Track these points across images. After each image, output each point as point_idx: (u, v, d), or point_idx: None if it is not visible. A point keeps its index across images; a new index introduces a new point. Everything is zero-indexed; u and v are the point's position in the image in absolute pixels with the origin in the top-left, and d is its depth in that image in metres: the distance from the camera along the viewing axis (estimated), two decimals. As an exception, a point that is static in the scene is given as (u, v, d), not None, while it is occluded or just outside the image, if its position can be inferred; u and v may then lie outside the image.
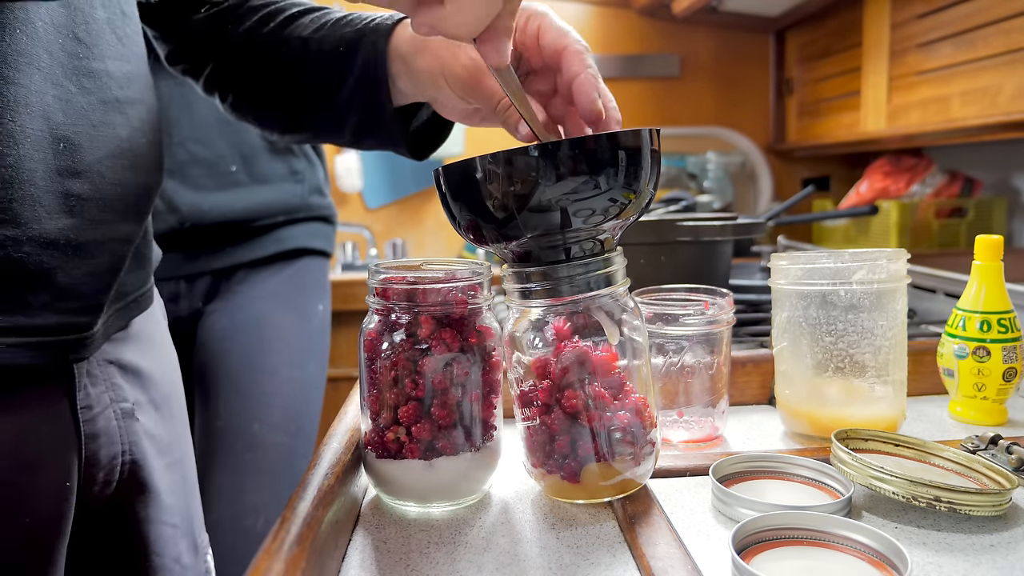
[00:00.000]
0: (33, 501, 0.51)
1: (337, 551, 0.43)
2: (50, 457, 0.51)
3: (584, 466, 0.47)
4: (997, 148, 1.72)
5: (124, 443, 0.57)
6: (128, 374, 0.59)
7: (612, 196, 0.44)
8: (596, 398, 0.47)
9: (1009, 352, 0.62)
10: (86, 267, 0.50)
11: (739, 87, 2.29)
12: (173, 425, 0.65)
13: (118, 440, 0.57)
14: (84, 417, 0.54)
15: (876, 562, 0.39)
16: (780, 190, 2.27)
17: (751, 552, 0.41)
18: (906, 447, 0.52)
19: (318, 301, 1.20)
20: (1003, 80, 1.28)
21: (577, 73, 0.50)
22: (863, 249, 0.60)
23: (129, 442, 0.58)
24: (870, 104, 1.68)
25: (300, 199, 1.18)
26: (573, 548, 0.44)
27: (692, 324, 0.59)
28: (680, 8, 2.02)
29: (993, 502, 0.44)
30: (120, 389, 0.58)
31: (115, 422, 0.57)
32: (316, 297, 1.20)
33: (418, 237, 2.31)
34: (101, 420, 0.55)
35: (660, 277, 0.81)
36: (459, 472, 0.48)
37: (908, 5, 1.54)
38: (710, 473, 0.49)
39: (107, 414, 0.56)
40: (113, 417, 0.56)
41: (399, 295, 0.48)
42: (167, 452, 0.63)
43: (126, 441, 0.57)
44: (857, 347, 0.58)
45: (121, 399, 0.57)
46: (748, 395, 0.72)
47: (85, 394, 0.54)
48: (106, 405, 0.56)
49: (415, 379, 0.47)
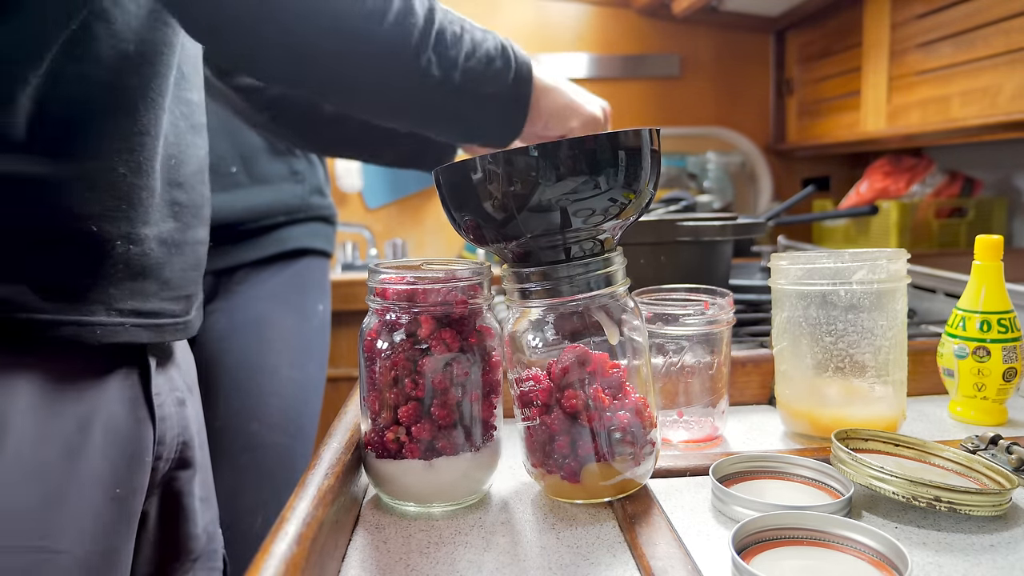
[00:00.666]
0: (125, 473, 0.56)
1: (337, 551, 0.43)
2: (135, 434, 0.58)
3: (584, 466, 0.47)
4: (997, 148, 1.72)
5: (179, 426, 0.64)
6: (175, 366, 0.66)
7: (612, 196, 0.44)
8: (596, 398, 0.47)
9: (1009, 352, 0.62)
10: (181, 263, 0.61)
11: (739, 87, 2.28)
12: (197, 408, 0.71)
13: (176, 424, 0.63)
14: (157, 402, 0.61)
15: (876, 562, 0.39)
16: (780, 190, 2.27)
17: (751, 552, 0.41)
18: (906, 447, 0.52)
19: (318, 301, 1.20)
20: (1003, 80, 1.28)
21: None
22: (863, 249, 0.60)
23: (182, 426, 0.64)
24: (870, 104, 1.68)
25: (300, 199, 1.18)
26: (573, 548, 0.44)
27: (692, 324, 0.59)
28: (680, 8, 2.02)
29: (993, 502, 0.44)
30: (173, 380, 0.65)
31: (174, 408, 0.64)
32: (316, 297, 1.20)
33: (418, 237, 2.31)
34: (167, 406, 0.62)
35: (660, 277, 0.81)
36: (459, 472, 0.48)
37: (908, 5, 1.54)
38: (710, 473, 0.49)
39: (169, 400, 0.63)
40: (172, 403, 0.63)
41: (399, 295, 0.48)
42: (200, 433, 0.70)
43: (180, 424, 0.64)
44: (857, 347, 0.58)
45: (175, 388, 0.65)
46: (748, 395, 0.72)
47: (156, 383, 0.61)
48: (168, 393, 0.63)
49: (415, 379, 0.47)
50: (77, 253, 0.53)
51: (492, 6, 2.16)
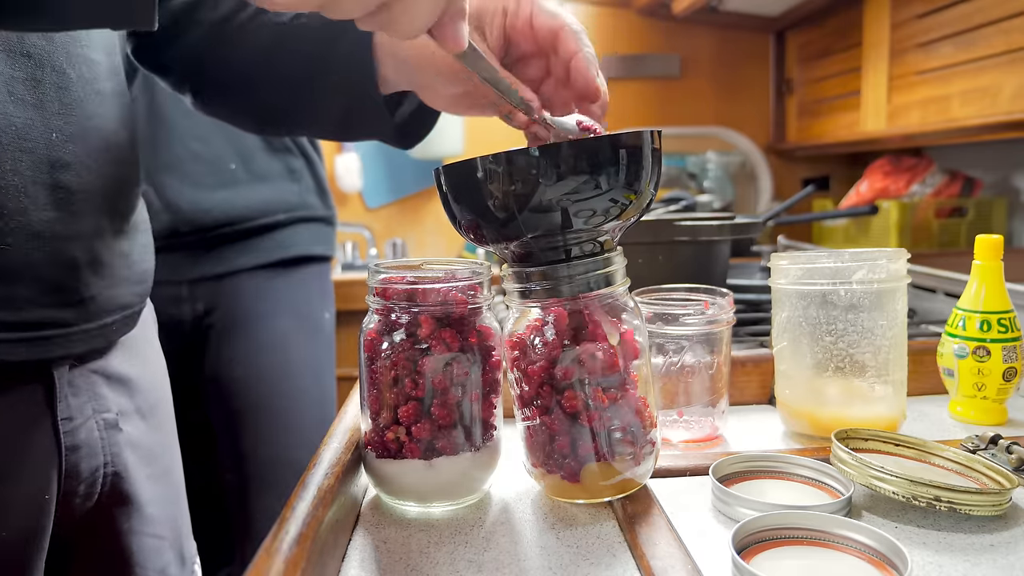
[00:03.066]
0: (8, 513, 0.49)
1: (337, 551, 0.43)
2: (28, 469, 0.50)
3: (584, 466, 0.47)
4: (997, 148, 1.72)
5: (107, 454, 0.56)
6: (113, 383, 0.58)
7: (613, 196, 0.44)
8: (596, 398, 0.47)
9: (1009, 352, 0.62)
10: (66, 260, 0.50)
11: (739, 87, 2.29)
12: (161, 434, 0.64)
13: (100, 452, 0.55)
14: (65, 428, 0.52)
15: (876, 562, 0.39)
16: (780, 190, 2.27)
17: (751, 552, 0.41)
18: (906, 447, 0.52)
19: (324, 309, 1.21)
20: (1003, 80, 1.28)
21: (575, 51, 0.48)
22: (863, 249, 0.60)
23: (111, 454, 0.56)
24: (870, 104, 1.68)
25: (298, 197, 1.18)
26: (573, 548, 0.44)
27: (692, 324, 0.59)
28: (680, 8, 2.02)
29: (993, 502, 0.44)
30: (103, 399, 0.56)
31: (97, 433, 0.55)
32: (322, 305, 1.21)
33: (418, 237, 2.31)
34: (83, 431, 0.54)
35: (658, 276, 0.81)
36: (459, 472, 0.48)
37: (908, 5, 1.54)
38: (710, 473, 0.49)
39: (89, 425, 0.55)
40: (95, 428, 0.55)
41: (399, 295, 0.48)
42: (153, 462, 0.61)
43: (108, 453, 0.56)
44: (857, 347, 0.58)
45: (104, 409, 0.56)
46: (748, 395, 0.72)
47: (66, 404, 0.52)
48: (88, 416, 0.55)
49: (415, 379, 0.47)
50: None
51: (492, 6, 2.16)
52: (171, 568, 0.63)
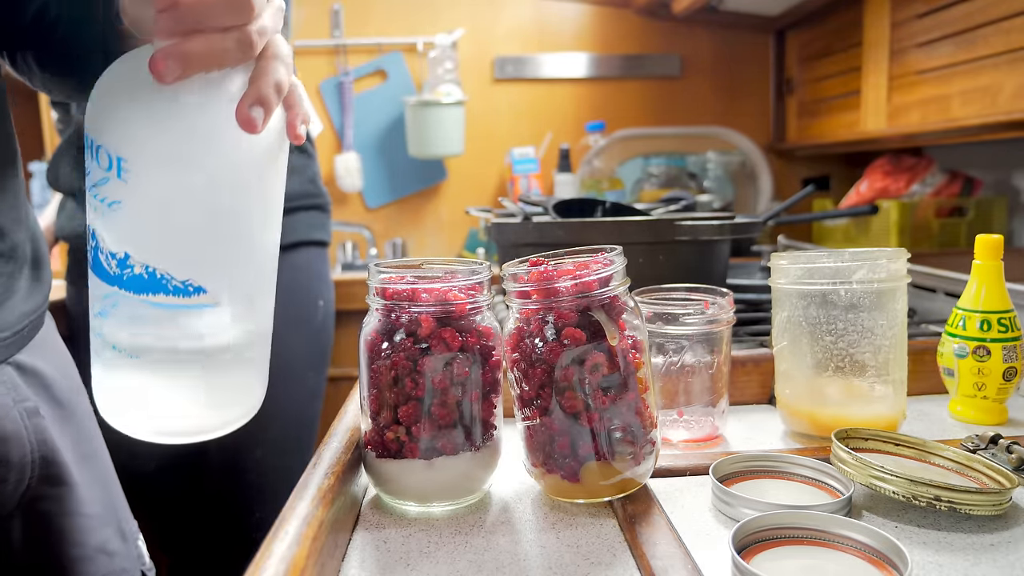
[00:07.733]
0: None
1: (337, 551, 0.43)
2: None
3: (584, 465, 0.47)
4: (997, 148, 1.72)
5: (32, 441, 0.57)
6: (27, 375, 0.58)
7: None
8: (596, 398, 0.46)
9: (1009, 351, 0.62)
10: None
11: (739, 87, 2.28)
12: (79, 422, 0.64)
13: (26, 439, 0.56)
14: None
15: (876, 561, 0.39)
16: (780, 190, 2.27)
17: (751, 551, 0.41)
18: (906, 446, 0.52)
19: (318, 296, 1.19)
20: (1003, 80, 1.28)
21: None
22: (863, 249, 0.60)
23: (37, 440, 0.57)
24: (870, 104, 1.68)
25: (295, 188, 1.18)
26: (573, 548, 0.44)
27: (692, 323, 0.59)
28: (680, 8, 2.01)
29: (993, 501, 0.44)
30: (21, 388, 0.57)
31: (21, 422, 0.56)
32: (317, 291, 1.19)
33: (418, 237, 2.31)
34: (7, 422, 0.55)
35: (658, 276, 0.81)
36: (459, 472, 0.48)
37: (908, 5, 1.54)
38: (710, 473, 0.49)
39: (12, 415, 0.55)
40: (19, 418, 0.56)
41: (399, 295, 0.48)
42: (77, 446, 0.62)
43: (34, 440, 0.57)
44: (857, 346, 0.58)
45: (23, 398, 0.57)
46: (748, 395, 0.72)
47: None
48: (9, 407, 0.55)
49: (415, 378, 0.47)
50: None
51: (492, 6, 2.16)
52: (111, 544, 0.64)
